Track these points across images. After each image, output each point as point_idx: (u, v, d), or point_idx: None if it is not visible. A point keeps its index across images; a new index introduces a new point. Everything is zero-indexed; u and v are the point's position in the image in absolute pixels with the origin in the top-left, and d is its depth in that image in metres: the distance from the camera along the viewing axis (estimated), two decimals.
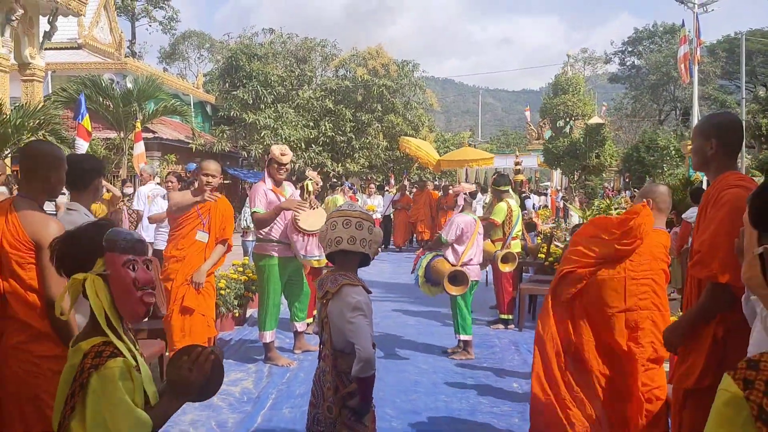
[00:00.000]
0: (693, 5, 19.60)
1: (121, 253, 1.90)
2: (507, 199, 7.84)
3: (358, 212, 2.89)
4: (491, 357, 6.55)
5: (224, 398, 5.06)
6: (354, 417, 2.76)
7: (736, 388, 1.13)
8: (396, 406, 5.02)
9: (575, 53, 45.78)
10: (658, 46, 45.81)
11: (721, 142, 2.91)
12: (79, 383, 1.68)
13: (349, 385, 2.74)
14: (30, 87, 12.81)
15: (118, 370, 1.68)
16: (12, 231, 2.92)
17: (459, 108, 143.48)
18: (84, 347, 1.77)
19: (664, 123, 43.97)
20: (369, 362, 2.65)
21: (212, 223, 5.32)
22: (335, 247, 2.82)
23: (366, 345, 2.67)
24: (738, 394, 1.12)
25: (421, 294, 6.80)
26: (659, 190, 3.82)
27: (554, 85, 26.34)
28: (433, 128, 29.77)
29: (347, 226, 2.82)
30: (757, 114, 20.04)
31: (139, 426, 1.69)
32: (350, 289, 2.78)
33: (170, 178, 8.49)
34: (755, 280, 1.39)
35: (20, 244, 2.91)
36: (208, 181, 5.28)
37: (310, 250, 5.98)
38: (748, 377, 1.13)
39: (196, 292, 5.15)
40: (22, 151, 3.17)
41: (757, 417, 1.08)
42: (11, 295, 2.92)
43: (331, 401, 2.77)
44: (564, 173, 24.68)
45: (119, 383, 1.67)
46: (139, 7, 42.57)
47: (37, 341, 2.91)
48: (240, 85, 22.67)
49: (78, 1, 13.15)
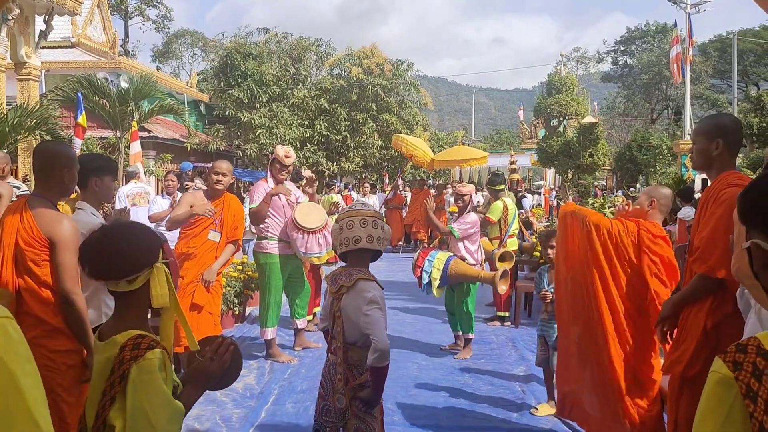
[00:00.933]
0: (685, 5, 19.76)
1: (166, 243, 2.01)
2: (503, 198, 7.94)
3: (371, 211, 3.02)
4: (489, 353, 6.64)
5: (228, 394, 5.13)
6: (364, 408, 2.85)
7: (726, 370, 1.22)
8: (397, 401, 5.10)
9: (568, 53, 45.94)
10: (651, 46, 45.99)
11: (727, 142, 3.00)
12: (118, 375, 1.73)
13: (359, 377, 2.83)
14: (26, 86, 12.81)
15: (156, 361, 1.75)
16: (27, 229, 2.99)
17: (452, 107, 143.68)
18: (120, 340, 1.81)
19: (656, 122, 44.18)
20: (385, 352, 2.74)
21: (224, 222, 5.40)
22: (354, 245, 2.92)
23: (382, 336, 2.76)
24: (728, 375, 1.21)
25: (417, 292, 6.85)
26: (664, 192, 3.90)
27: (548, 85, 26.42)
28: (427, 127, 29.86)
29: (364, 225, 2.93)
30: (749, 113, 20.21)
31: (176, 415, 1.77)
32: (366, 284, 2.87)
33: (170, 177, 8.51)
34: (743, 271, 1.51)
35: (35, 242, 2.98)
36: (218, 180, 5.37)
37: (309, 247, 6.04)
38: (738, 360, 1.22)
39: (206, 291, 5.22)
40: (36, 152, 3.22)
41: (745, 395, 1.18)
42: (26, 292, 2.99)
43: (341, 392, 2.86)
44: (558, 172, 24.77)
45: (158, 374, 1.74)
46: (132, 5, 42.49)
47: (52, 336, 2.98)
48: (235, 84, 22.70)
49: (74, 1, 13.15)
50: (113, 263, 1.87)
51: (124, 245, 1.89)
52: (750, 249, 1.34)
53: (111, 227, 2.00)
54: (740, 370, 1.20)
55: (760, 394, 1.16)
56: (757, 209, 1.34)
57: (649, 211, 3.79)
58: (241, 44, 24.24)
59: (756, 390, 1.16)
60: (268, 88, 22.82)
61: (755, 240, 1.32)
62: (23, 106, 11.28)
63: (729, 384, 1.20)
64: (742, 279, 2.31)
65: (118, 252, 1.88)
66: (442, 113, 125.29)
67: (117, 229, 1.98)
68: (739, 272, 2.21)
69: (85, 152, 12.51)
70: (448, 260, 6.29)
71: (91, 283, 3.20)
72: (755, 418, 1.15)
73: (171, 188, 8.29)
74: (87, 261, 1.91)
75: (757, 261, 1.33)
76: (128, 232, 1.95)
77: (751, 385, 1.17)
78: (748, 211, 1.37)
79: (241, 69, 22.71)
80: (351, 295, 2.87)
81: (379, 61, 24.91)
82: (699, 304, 2.94)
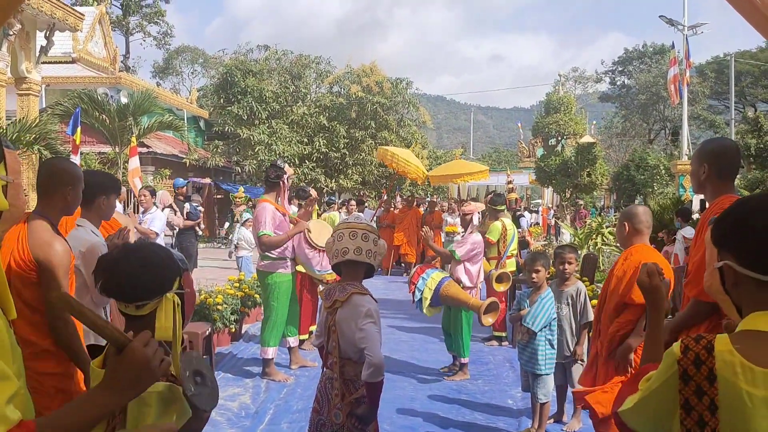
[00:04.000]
0: (683, 27, 19.92)
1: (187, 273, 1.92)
2: (502, 218, 7.93)
3: (363, 224, 3.01)
4: (486, 373, 6.61)
5: (223, 413, 5.08)
6: (359, 424, 2.82)
7: (677, 350, 1.43)
8: (393, 422, 5.06)
9: (566, 72, 46.15)
10: (648, 67, 46.29)
11: (712, 167, 3.06)
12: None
13: (356, 391, 2.81)
14: (26, 101, 12.84)
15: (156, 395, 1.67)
16: (19, 249, 2.92)
17: (450, 125, 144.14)
18: None
19: (653, 142, 44.36)
20: (379, 367, 2.73)
21: None
22: (342, 257, 2.93)
23: (376, 351, 2.75)
24: (676, 355, 1.43)
25: (414, 311, 6.83)
26: (636, 212, 3.94)
27: (546, 104, 26.57)
28: (425, 145, 29.95)
29: (353, 237, 2.93)
30: (746, 134, 20.29)
31: None
32: (360, 298, 2.87)
33: (143, 193, 8.43)
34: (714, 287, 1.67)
35: (24, 263, 2.90)
36: None
37: (324, 265, 6.11)
38: (689, 345, 1.43)
39: None
40: (41, 167, 3.17)
41: (680, 376, 1.41)
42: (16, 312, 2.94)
43: (338, 407, 2.84)
44: (556, 191, 24.83)
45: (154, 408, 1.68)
46: (133, 22, 42.73)
47: (40, 358, 2.89)
48: (235, 101, 22.79)
49: (75, 17, 13.24)
50: (124, 286, 1.80)
51: (140, 270, 1.81)
52: (721, 269, 1.52)
53: (133, 248, 1.92)
54: (686, 354, 1.42)
55: (694, 378, 1.39)
56: (730, 235, 1.50)
57: (631, 238, 3.87)
58: (241, 61, 24.38)
59: (691, 375, 1.39)
60: (267, 104, 22.91)
61: (727, 261, 1.49)
62: (22, 121, 11.31)
63: (673, 363, 1.43)
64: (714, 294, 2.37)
65: (132, 275, 1.80)
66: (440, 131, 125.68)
67: (138, 251, 1.90)
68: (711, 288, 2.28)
69: (85, 168, 12.49)
70: (442, 281, 6.24)
71: (94, 296, 3.16)
72: (682, 394, 1.40)
73: (145, 204, 8.26)
74: (101, 277, 1.84)
75: (728, 280, 1.51)
76: (148, 257, 1.86)
77: (687, 370, 1.40)
78: (721, 236, 1.53)
79: (240, 86, 22.81)
80: (345, 309, 2.86)
81: (378, 79, 25.04)
82: (695, 328, 2.96)
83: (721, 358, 1.38)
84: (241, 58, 25.20)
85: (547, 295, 4.78)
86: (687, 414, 1.40)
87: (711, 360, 1.39)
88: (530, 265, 4.92)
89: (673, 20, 20.83)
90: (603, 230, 12.62)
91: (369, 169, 24.88)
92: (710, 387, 1.37)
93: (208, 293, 7.44)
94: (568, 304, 4.91)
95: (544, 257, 5.05)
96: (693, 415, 1.39)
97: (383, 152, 14.52)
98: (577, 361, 4.87)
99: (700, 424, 1.38)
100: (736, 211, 1.53)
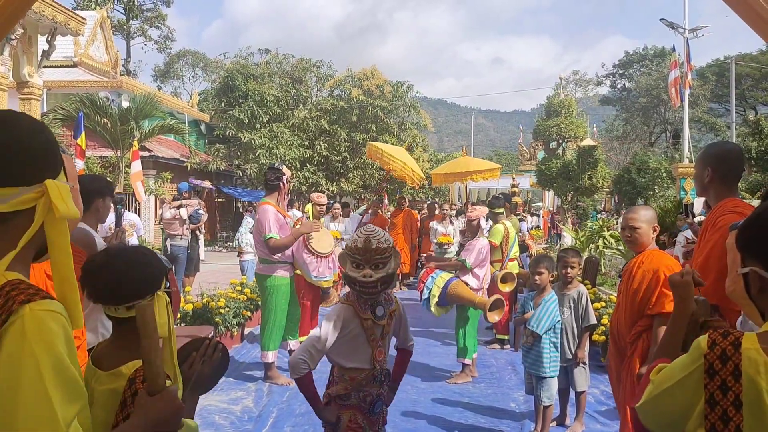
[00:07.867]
0: (684, 30, 19.94)
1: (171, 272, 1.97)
2: (503, 221, 7.93)
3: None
4: (489, 376, 6.60)
5: (225, 417, 5.09)
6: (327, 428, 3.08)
7: (704, 345, 1.44)
8: (396, 425, 5.05)
9: (567, 75, 46.25)
10: (649, 70, 46.33)
11: (715, 170, 3.06)
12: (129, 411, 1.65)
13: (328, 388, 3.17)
14: (28, 105, 12.85)
15: None
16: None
17: (451, 128, 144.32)
18: (126, 372, 1.72)
19: (654, 145, 44.36)
20: (290, 365, 2.98)
21: None
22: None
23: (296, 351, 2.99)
24: (703, 349, 1.44)
25: (415, 315, 6.84)
26: (652, 214, 3.91)
27: (547, 107, 26.60)
28: (426, 148, 29.96)
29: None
30: (747, 137, 20.31)
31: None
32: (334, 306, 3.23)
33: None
34: (738, 292, 1.66)
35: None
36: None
37: (321, 271, 6.16)
38: (716, 340, 1.43)
39: None
40: None
41: (706, 370, 1.42)
42: None
43: None
44: (557, 194, 24.87)
45: None
46: (134, 26, 42.82)
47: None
48: (236, 105, 22.80)
49: (77, 21, 13.26)
50: (114, 288, 1.78)
51: (127, 270, 1.81)
52: (746, 275, 1.50)
53: (116, 250, 1.92)
54: (713, 349, 1.42)
55: (720, 373, 1.40)
56: (757, 241, 1.48)
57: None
58: (242, 65, 24.39)
59: (717, 370, 1.40)
60: (268, 108, 22.93)
61: (754, 268, 1.47)
62: None
63: (699, 357, 1.44)
64: (737, 299, 2.34)
65: (120, 277, 1.79)
66: (441, 134, 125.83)
67: (122, 253, 1.89)
68: (734, 293, 2.25)
69: (86, 172, 12.53)
70: (449, 280, 6.30)
71: (88, 304, 3.18)
72: (708, 389, 1.41)
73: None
74: (87, 283, 1.81)
75: (754, 286, 1.49)
76: (133, 258, 1.86)
77: (714, 365, 1.41)
78: (748, 243, 1.51)
79: (242, 89, 22.83)
80: None
81: (379, 82, 25.06)
82: None
83: (747, 356, 1.38)
84: (242, 61, 25.21)
85: (551, 298, 4.78)
86: (711, 409, 1.40)
87: (737, 356, 1.39)
88: (534, 267, 4.93)
89: (673, 23, 20.87)
90: (605, 233, 12.63)
91: (370, 172, 24.89)
92: (735, 383, 1.38)
93: (210, 297, 7.44)
94: (570, 308, 4.92)
95: (548, 260, 5.05)
96: (717, 410, 1.40)
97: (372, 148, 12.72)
98: (578, 364, 4.88)
99: (723, 419, 1.39)
100: (763, 217, 1.50)
